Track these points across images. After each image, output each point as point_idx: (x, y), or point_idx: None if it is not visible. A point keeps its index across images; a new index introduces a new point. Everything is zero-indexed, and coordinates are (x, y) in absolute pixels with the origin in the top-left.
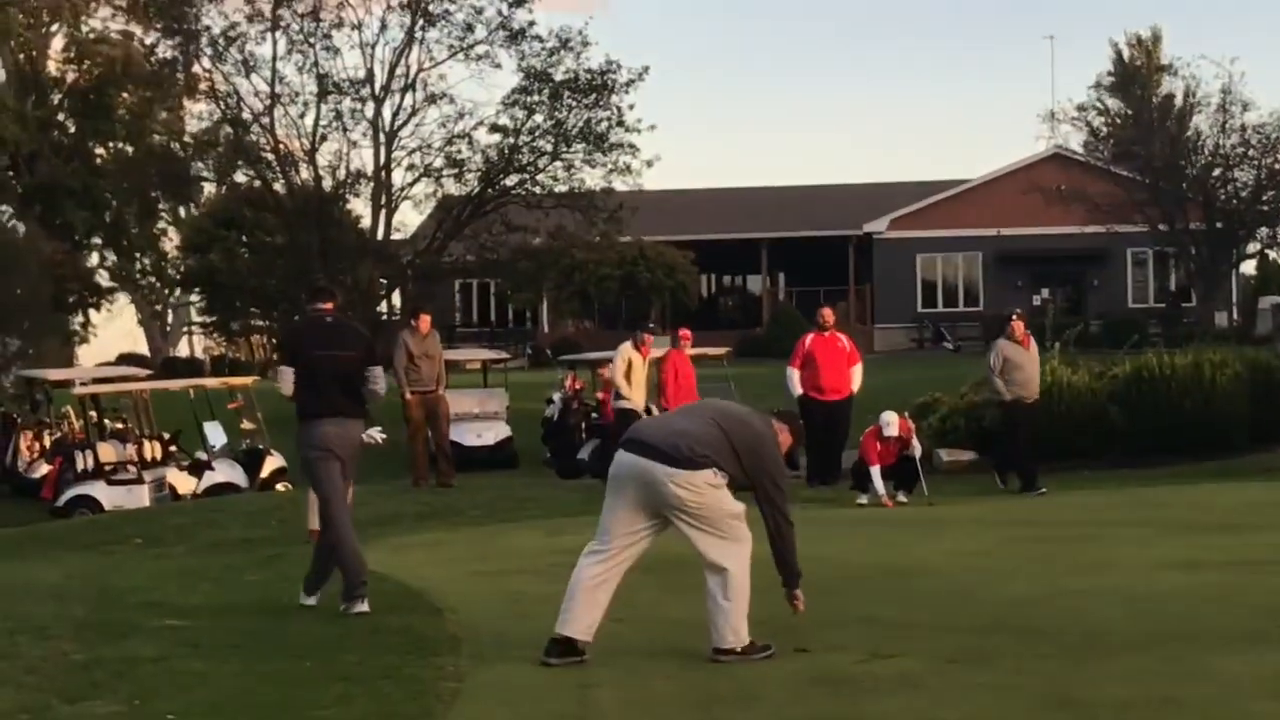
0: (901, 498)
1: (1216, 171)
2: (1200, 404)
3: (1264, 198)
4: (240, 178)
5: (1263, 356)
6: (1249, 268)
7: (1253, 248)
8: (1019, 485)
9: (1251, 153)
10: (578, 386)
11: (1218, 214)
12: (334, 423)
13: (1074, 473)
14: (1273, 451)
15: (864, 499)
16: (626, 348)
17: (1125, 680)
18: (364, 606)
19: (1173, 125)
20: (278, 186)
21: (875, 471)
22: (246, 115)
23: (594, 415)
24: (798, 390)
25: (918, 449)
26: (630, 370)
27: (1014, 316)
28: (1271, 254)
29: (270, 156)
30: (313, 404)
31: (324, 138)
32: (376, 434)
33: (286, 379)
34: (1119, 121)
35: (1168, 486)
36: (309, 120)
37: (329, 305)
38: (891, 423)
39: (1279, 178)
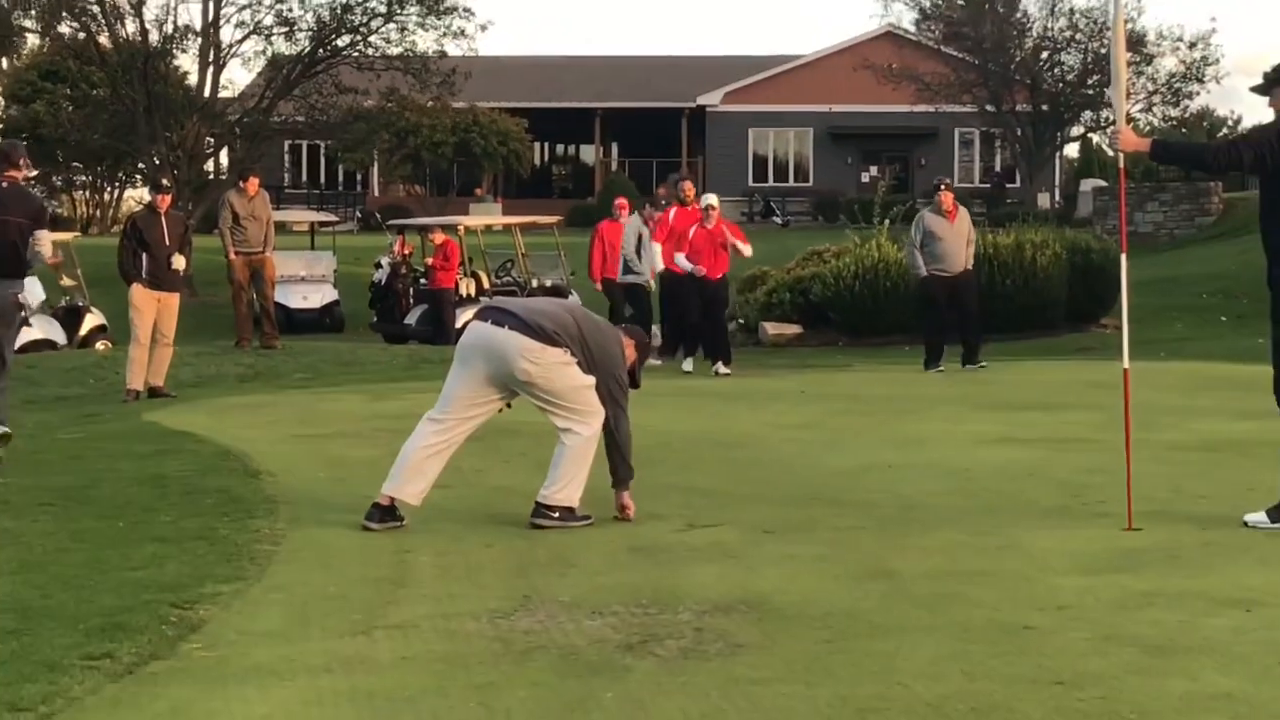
0: (722, 369)
1: (1044, 54)
2: (1021, 283)
3: (1089, 81)
4: (65, 29)
5: (1082, 238)
6: (1072, 151)
7: (1076, 131)
8: (961, 359)
9: (1079, 36)
10: (406, 252)
11: (1044, 96)
12: None
13: (894, 348)
14: (1088, 331)
15: (687, 365)
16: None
17: (938, 552)
18: None
19: (1002, 7)
20: (103, 39)
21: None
22: None
23: (421, 281)
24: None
25: (747, 250)
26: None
27: (942, 186)
28: (1094, 138)
29: (95, 9)
30: None
31: None
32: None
33: None
34: (950, 1)
35: (986, 364)
36: None
37: (11, 172)
38: (715, 205)
39: (1104, 62)
